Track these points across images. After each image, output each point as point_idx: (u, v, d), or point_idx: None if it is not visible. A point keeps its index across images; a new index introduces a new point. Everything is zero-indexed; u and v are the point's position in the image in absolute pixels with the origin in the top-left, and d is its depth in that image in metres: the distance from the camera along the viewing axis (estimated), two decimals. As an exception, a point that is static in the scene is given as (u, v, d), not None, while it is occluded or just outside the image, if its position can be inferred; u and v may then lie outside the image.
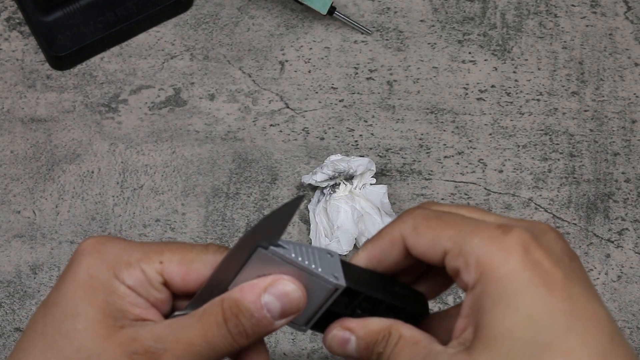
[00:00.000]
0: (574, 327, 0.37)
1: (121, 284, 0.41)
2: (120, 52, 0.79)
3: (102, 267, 0.42)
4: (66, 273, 0.42)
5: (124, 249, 0.42)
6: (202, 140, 0.75)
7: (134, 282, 0.41)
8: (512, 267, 0.38)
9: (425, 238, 0.41)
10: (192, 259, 0.42)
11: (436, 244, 0.40)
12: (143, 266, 0.42)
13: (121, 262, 0.42)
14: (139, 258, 0.42)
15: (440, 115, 0.76)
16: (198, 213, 0.72)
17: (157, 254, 0.42)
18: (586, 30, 0.80)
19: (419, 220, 0.41)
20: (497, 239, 0.39)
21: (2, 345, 0.68)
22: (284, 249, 0.39)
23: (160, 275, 0.42)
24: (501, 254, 0.38)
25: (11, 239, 0.71)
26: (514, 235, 0.39)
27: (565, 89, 0.78)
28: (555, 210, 0.73)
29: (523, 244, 0.38)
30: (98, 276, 0.41)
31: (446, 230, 0.40)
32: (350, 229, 0.69)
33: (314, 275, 0.40)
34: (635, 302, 0.69)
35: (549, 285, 0.38)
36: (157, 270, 0.42)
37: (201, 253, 0.42)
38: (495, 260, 0.38)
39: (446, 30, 0.80)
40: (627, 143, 0.75)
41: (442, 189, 0.73)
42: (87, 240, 0.43)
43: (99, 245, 0.42)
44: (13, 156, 0.74)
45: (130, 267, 0.42)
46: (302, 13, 0.81)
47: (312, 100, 0.77)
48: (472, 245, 0.39)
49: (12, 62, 0.78)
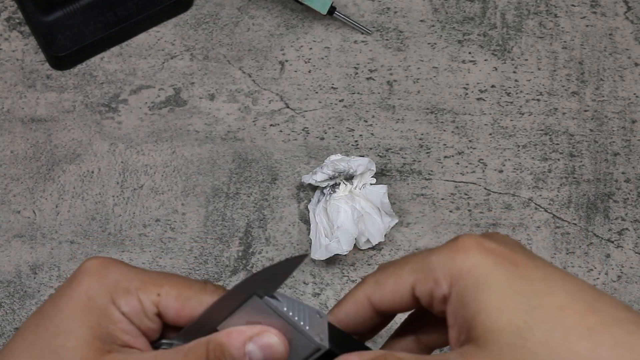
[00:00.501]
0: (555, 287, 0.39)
1: (116, 309, 0.43)
2: (120, 52, 0.79)
3: (101, 290, 0.43)
4: (65, 289, 0.43)
5: (125, 275, 0.43)
6: (202, 140, 0.75)
7: (129, 310, 0.43)
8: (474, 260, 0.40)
9: (389, 285, 0.43)
10: (189, 297, 0.43)
11: (401, 283, 0.42)
12: (141, 295, 0.43)
13: (120, 288, 0.43)
14: (138, 287, 0.43)
15: (440, 115, 0.76)
16: (198, 213, 0.72)
17: (156, 286, 0.43)
18: (586, 30, 0.80)
19: (377, 275, 0.44)
20: (451, 248, 0.41)
21: (2, 345, 0.68)
22: (278, 302, 0.41)
23: (155, 307, 0.43)
24: (460, 255, 0.40)
25: (11, 239, 0.71)
26: (463, 239, 0.41)
27: (565, 89, 0.78)
28: (555, 210, 0.73)
29: (474, 242, 0.41)
30: (96, 298, 0.42)
31: (405, 268, 0.42)
32: (350, 229, 0.69)
33: (300, 332, 0.41)
34: (635, 302, 0.69)
35: (514, 262, 0.40)
36: (153, 301, 0.43)
37: (199, 292, 0.43)
38: (457, 262, 0.40)
39: (446, 30, 0.80)
40: (627, 143, 0.75)
41: (442, 189, 0.73)
42: (91, 260, 0.44)
43: (101, 268, 0.43)
44: (13, 156, 0.74)
45: (128, 295, 0.43)
46: (302, 13, 0.81)
47: (312, 100, 0.77)
48: (432, 263, 0.41)
49: (12, 62, 0.78)
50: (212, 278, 0.70)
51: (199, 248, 0.71)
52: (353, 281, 0.70)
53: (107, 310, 0.42)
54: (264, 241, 0.71)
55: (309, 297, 0.69)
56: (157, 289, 0.43)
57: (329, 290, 0.70)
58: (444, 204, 0.73)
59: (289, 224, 0.72)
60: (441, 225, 0.72)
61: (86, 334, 0.42)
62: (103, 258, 0.44)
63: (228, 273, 0.70)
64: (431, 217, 0.72)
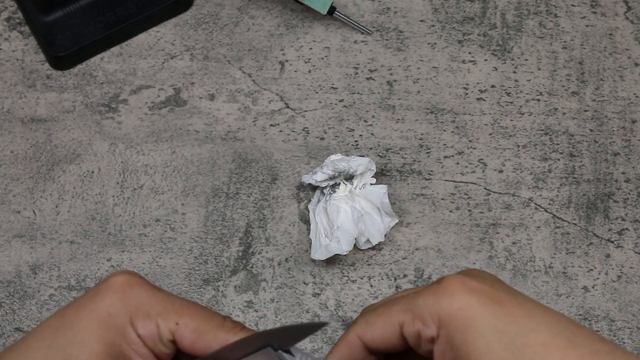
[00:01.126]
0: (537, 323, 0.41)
1: (133, 331, 0.44)
2: (120, 52, 0.79)
3: (122, 309, 0.44)
4: (89, 300, 0.45)
5: (148, 297, 0.44)
6: (202, 140, 0.75)
7: (146, 333, 0.44)
8: (461, 302, 0.42)
9: (378, 325, 0.44)
10: (207, 331, 0.44)
11: (390, 323, 0.44)
12: (159, 321, 0.44)
13: (141, 310, 0.44)
14: (159, 312, 0.44)
15: (440, 115, 0.76)
16: (198, 213, 0.72)
17: (176, 314, 0.44)
18: (586, 30, 0.80)
19: (368, 315, 0.45)
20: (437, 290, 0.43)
21: (2, 345, 0.68)
22: (291, 357, 0.43)
23: (172, 334, 0.44)
24: (446, 298, 0.42)
25: (11, 239, 0.71)
26: (448, 281, 0.43)
27: (565, 89, 0.78)
28: (555, 210, 0.73)
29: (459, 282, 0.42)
30: (115, 317, 0.44)
31: (393, 308, 0.44)
32: (350, 229, 0.69)
33: None
34: (635, 302, 0.69)
35: (497, 301, 0.41)
36: (171, 329, 0.44)
37: (216, 328, 0.44)
38: (444, 305, 0.42)
39: (446, 30, 0.80)
40: (627, 143, 0.75)
41: (442, 189, 0.73)
42: (119, 276, 0.45)
43: (127, 286, 0.45)
44: (13, 156, 0.74)
45: (147, 319, 0.44)
46: (302, 13, 0.81)
47: (312, 100, 0.77)
48: (419, 305, 0.43)
49: (12, 62, 0.78)
50: (212, 278, 0.70)
51: (199, 248, 0.71)
52: (353, 281, 0.70)
53: (124, 330, 0.44)
54: (264, 241, 0.71)
55: (309, 297, 0.69)
56: (176, 318, 0.44)
57: (329, 290, 0.70)
58: (444, 204, 0.73)
59: (289, 224, 0.72)
60: (441, 225, 0.72)
61: (100, 350, 0.43)
62: (131, 275, 0.45)
63: (228, 273, 0.70)
64: (431, 217, 0.72)
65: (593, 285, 0.70)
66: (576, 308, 0.69)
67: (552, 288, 0.70)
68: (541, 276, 0.70)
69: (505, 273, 0.70)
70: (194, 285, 0.70)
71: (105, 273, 0.70)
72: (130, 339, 0.44)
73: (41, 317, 0.68)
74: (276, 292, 0.69)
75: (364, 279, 0.70)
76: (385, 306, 0.44)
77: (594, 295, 0.70)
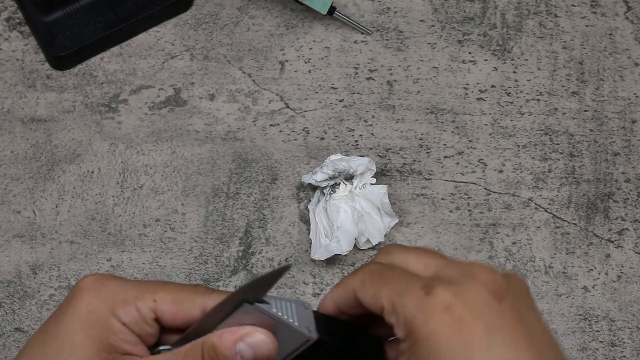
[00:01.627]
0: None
1: (117, 320, 0.45)
2: (120, 52, 0.79)
3: (100, 304, 0.45)
4: (66, 307, 0.46)
5: (121, 287, 0.46)
6: (202, 140, 0.75)
7: (129, 319, 0.45)
8: (431, 329, 0.41)
9: (369, 294, 0.45)
10: (183, 299, 0.46)
11: (376, 301, 0.44)
12: (138, 304, 0.45)
13: (118, 300, 0.45)
14: (135, 296, 0.45)
15: (440, 115, 0.76)
16: (198, 213, 0.72)
17: (151, 293, 0.46)
18: (586, 30, 0.80)
19: (366, 276, 0.45)
20: (421, 301, 0.42)
21: (2, 345, 0.68)
22: (267, 304, 0.44)
23: (153, 312, 0.46)
24: (422, 316, 0.42)
25: (11, 239, 0.71)
26: (435, 296, 0.42)
27: (565, 89, 0.78)
28: (555, 210, 0.73)
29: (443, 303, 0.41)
30: (96, 312, 0.45)
31: (384, 288, 0.44)
32: (350, 229, 0.69)
33: (290, 328, 0.45)
34: (635, 302, 0.69)
35: (467, 341, 0.41)
36: (150, 307, 0.45)
37: (191, 294, 0.46)
38: (417, 321, 0.42)
39: (446, 30, 0.80)
40: (627, 143, 0.75)
41: (442, 189, 0.73)
42: (86, 278, 0.46)
43: (98, 284, 0.46)
44: (13, 156, 0.74)
45: (126, 305, 0.45)
46: (302, 13, 0.81)
47: (312, 100, 0.77)
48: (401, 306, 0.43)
49: (12, 62, 0.78)
50: (212, 278, 0.70)
51: (199, 248, 0.71)
52: (353, 281, 0.70)
53: (108, 322, 0.45)
54: (264, 241, 0.71)
55: (309, 297, 0.69)
56: (152, 296, 0.45)
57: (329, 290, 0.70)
58: (444, 204, 0.73)
59: (289, 224, 0.72)
60: (441, 225, 0.72)
61: (91, 347, 0.44)
62: (97, 274, 0.47)
63: (228, 273, 0.70)
64: (431, 217, 0.72)
65: (593, 285, 0.70)
66: (576, 308, 0.69)
67: (552, 288, 0.70)
68: (541, 276, 0.70)
69: (505, 273, 0.70)
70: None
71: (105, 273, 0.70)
72: (115, 329, 0.45)
73: (41, 317, 0.68)
74: (276, 292, 0.69)
75: (364, 279, 0.70)
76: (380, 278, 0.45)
77: (594, 295, 0.70)
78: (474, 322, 0.41)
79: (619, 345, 0.68)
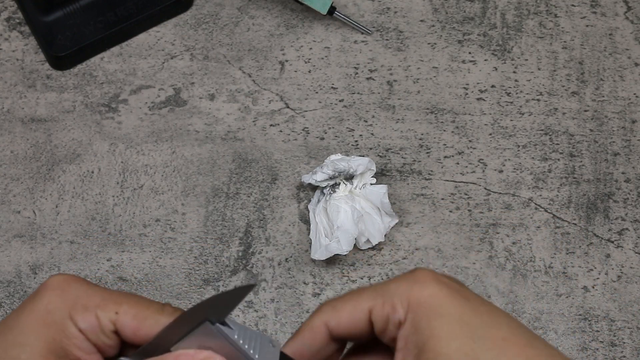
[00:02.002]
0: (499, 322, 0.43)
1: (73, 325, 0.44)
2: (120, 52, 0.79)
3: (60, 305, 0.44)
4: (28, 302, 0.45)
5: (85, 292, 0.45)
6: (202, 140, 0.75)
7: (86, 326, 0.44)
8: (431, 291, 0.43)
9: (346, 309, 0.45)
10: (147, 317, 0.45)
11: (359, 307, 0.44)
12: (99, 313, 0.44)
13: (79, 304, 0.44)
14: (97, 304, 0.45)
15: (440, 115, 0.76)
16: (198, 213, 0.72)
17: (115, 304, 0.45)
18: (586, 30, 0.80)
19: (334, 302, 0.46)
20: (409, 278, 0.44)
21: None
22: (229, 329, 0.42)
23: (113, 324, 0.45)
24: (418, 285, 0.43)
25: (11, 239, 0.71)
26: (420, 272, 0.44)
27: (565, 89, 0.78)
28: (555, 210, 0.73)
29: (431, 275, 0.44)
30: (54, 313, 0.44)
31: (363, 294, 0.45)
32: (350, 229, 0.69)
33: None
34: (635, 302, 0.69)
35: (465, 296, 0.43)
36: (111, 319, 0.45)
37: (156, 313, 0.45)
38: (415, 291, 0.43)
39: (446, 30, 0.80)
40: (627, 143, 0.75)
41: (442, 189, 0.73)
42: (55, 277, 0.46)
43: (64, 284, 0.45)
44: (13, 156, 0.74)
45: (85, 312, 0.44)
46: (302, 13, 0.81)
47: (312, 100, 0.77)
48: (391, 290, 0.44)
49: (12, 62, 0.78)
50: (212, 278, 0.70)
51: (199, 248, 0.71)
52: (353, 281, 0.70)
53: (64, 326, 0.44)
54: (264, 241, 0.71)
55: (309, 297, 0.69)
56: (115, 307, 0.45)
57: (329, 290, 0.70)
58: (444, 204, 0.73)
59: (289, 224, 0.72)
60: (441, 225, 0.72)
61: (41, 348, 0.44)
62: (67, 275, 0.46)
63: (228, 273, 0.70)
64: (431, 217, 0.72)
65: (593, 285, 0.70)
66: (576, 308, 0.69)
67: (552, 288, 0.70)
68: (541, 276, 0.70)
69: (505, 273, 0.70)
70: (194, 285, 0.70)
71: (105, 273, 0.70)
72: (70, 334, 0.44)
73: (41, 317, 0.68)
74: (276, 292, 0.69)
75: (364, 279, 0.70)
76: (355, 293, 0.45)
77: (594, 295, 0.70)
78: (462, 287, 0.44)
79: (619, 345, 0.68)
